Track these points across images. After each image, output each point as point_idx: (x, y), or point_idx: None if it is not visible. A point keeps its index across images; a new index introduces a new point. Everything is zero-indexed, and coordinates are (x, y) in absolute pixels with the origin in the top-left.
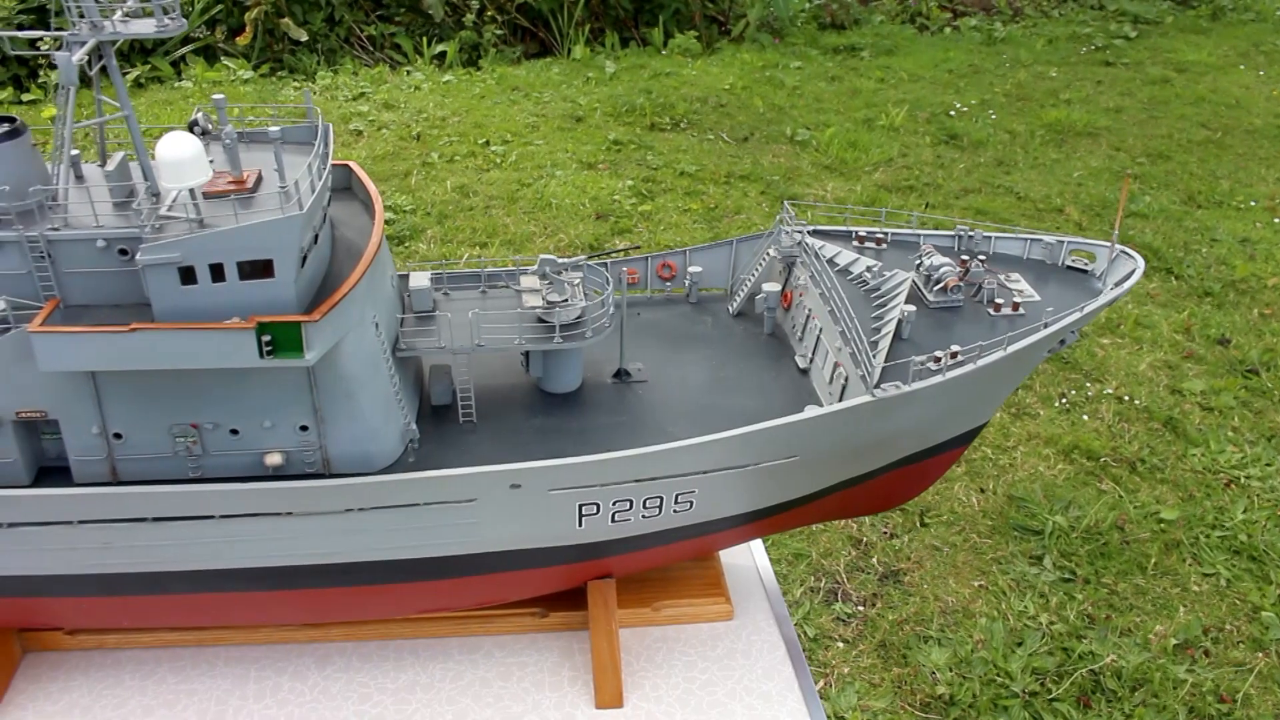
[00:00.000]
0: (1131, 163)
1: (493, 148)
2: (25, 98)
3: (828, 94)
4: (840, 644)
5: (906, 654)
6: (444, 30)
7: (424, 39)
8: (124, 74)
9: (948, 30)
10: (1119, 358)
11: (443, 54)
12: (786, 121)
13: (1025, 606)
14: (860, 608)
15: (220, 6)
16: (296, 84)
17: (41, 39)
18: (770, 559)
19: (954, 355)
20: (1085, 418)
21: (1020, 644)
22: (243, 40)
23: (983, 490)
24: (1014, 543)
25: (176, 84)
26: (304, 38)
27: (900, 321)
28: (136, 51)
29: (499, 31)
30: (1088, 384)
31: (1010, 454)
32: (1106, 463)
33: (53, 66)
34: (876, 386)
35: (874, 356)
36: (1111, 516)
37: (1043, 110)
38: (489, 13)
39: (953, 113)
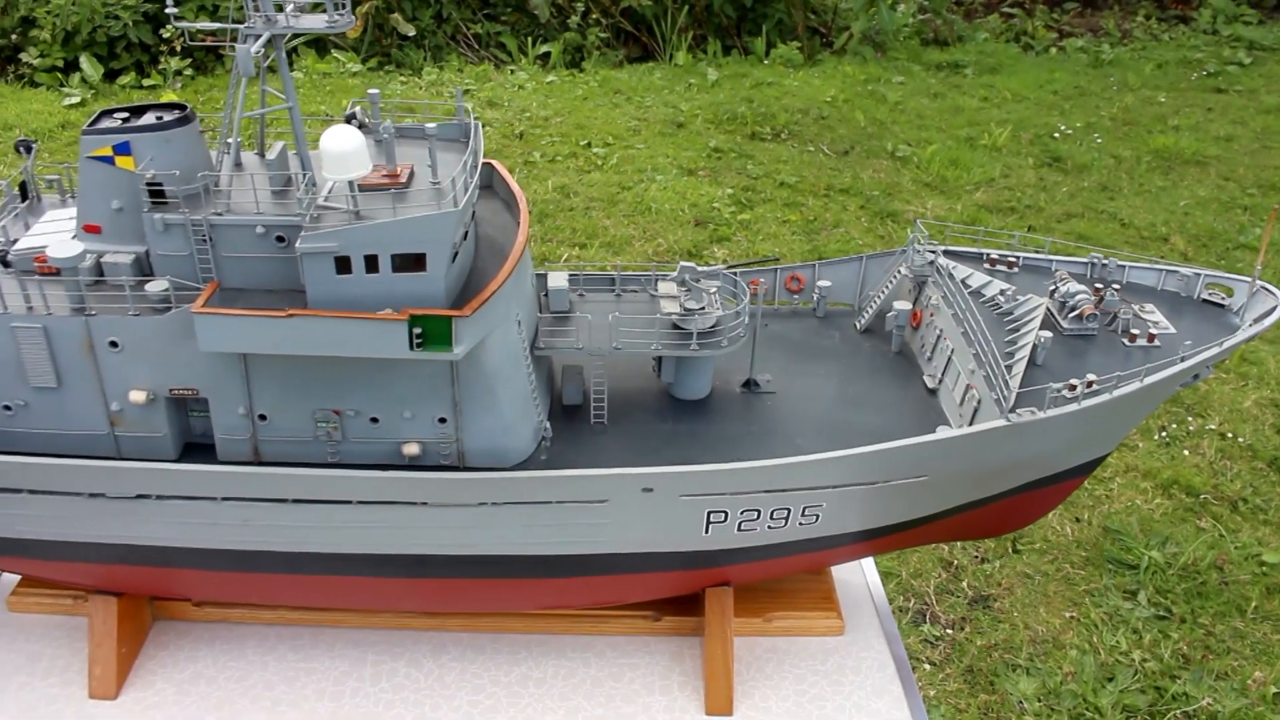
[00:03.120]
0: (1242, 194)
1: (594, 149)
2: (146, 83)
3: (930, 110)
4: (927, 666)
5: (994, 681)
6: (549, 31)
7: (529, 39)
8: None
9: (1053, 51)
10: (1223, 393)
11: (547, 54)
12: (887, 136)
13: (1118, 641)
14: (949, 630)
15: None
16: (403, 78)
17: (211, 31)
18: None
19: (1089, 384)
20: (1186, 452)
21: (1111, 679)
22: (353, 33)
23: (1078, 520)
24: (1108, 575)
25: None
26: (412, 33)
27: (1035, 346)
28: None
29: (603, 34)
30: (1189, 418)
31: (1107, 485)
32: (1207, 500)
33: (174, 53)
34: (1011, 411)
35: (1009, 381)
36: (1210, 555)
37: (1150, 136)
38: (593, 15)
39: (1057, 135)
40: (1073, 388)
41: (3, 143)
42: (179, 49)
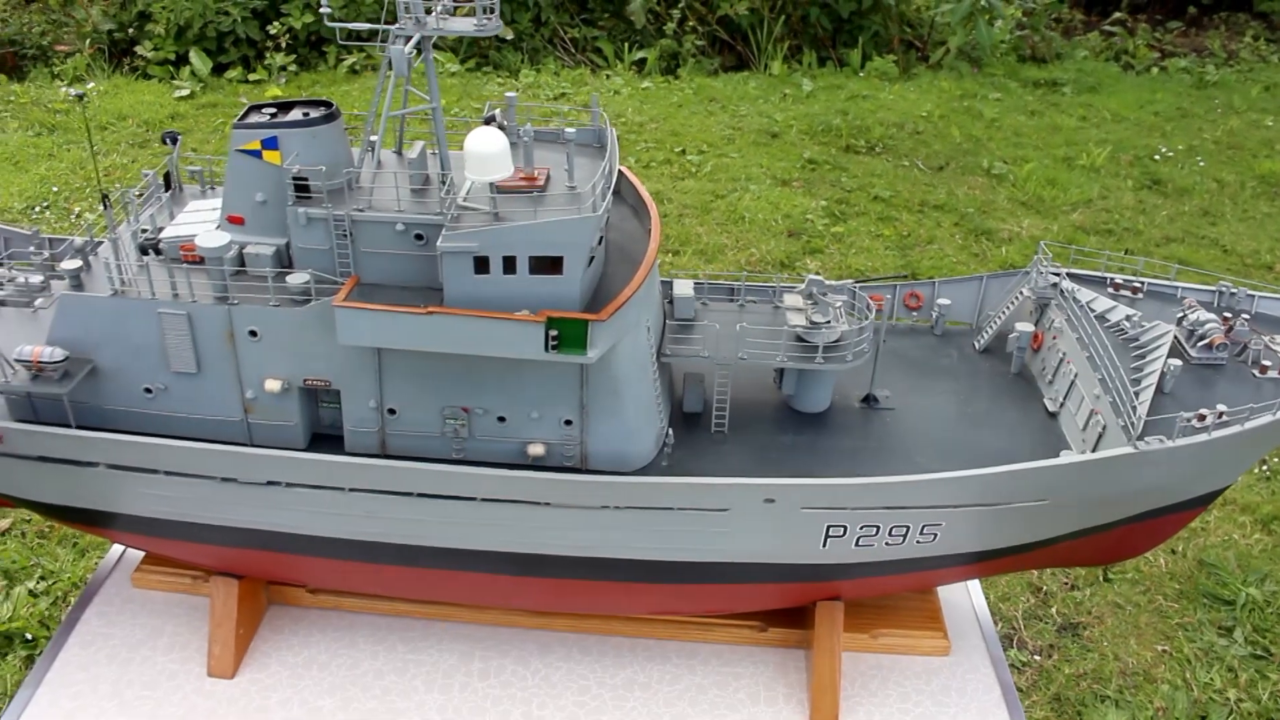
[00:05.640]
0: None
1: (688, 157)
2: (252, 77)
3: (1027, 128)
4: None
5: (1082, 711)
6: (645, 37)
7: (625, 45)
8: (340, 61)
9: (1155, 71)
10: None
11: (642, 60)
12: (983, 153)
13: (1212, 679)
14: (1036, 657)
15: None
16: (500, 80)
17: (366, 32)
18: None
19: (1220, 415)
20: None
21: (1204, 718)
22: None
23: (1172, 551)
24: (1202, 610)
25: (389, 72)
26: (510, 36)
27: (1163, 374)
28: (353, 39)
29: (698, 42)
30: None
31: (1203, 517)
32: None
33: (279, 49)
34: (1139, 438)
35: (1137, 408)
36: None
37: (1255, 161)
38: (690, 23)
39: (1157, 157)
40: (1202, 418)
41: (116, 132)
42: (284, 45)
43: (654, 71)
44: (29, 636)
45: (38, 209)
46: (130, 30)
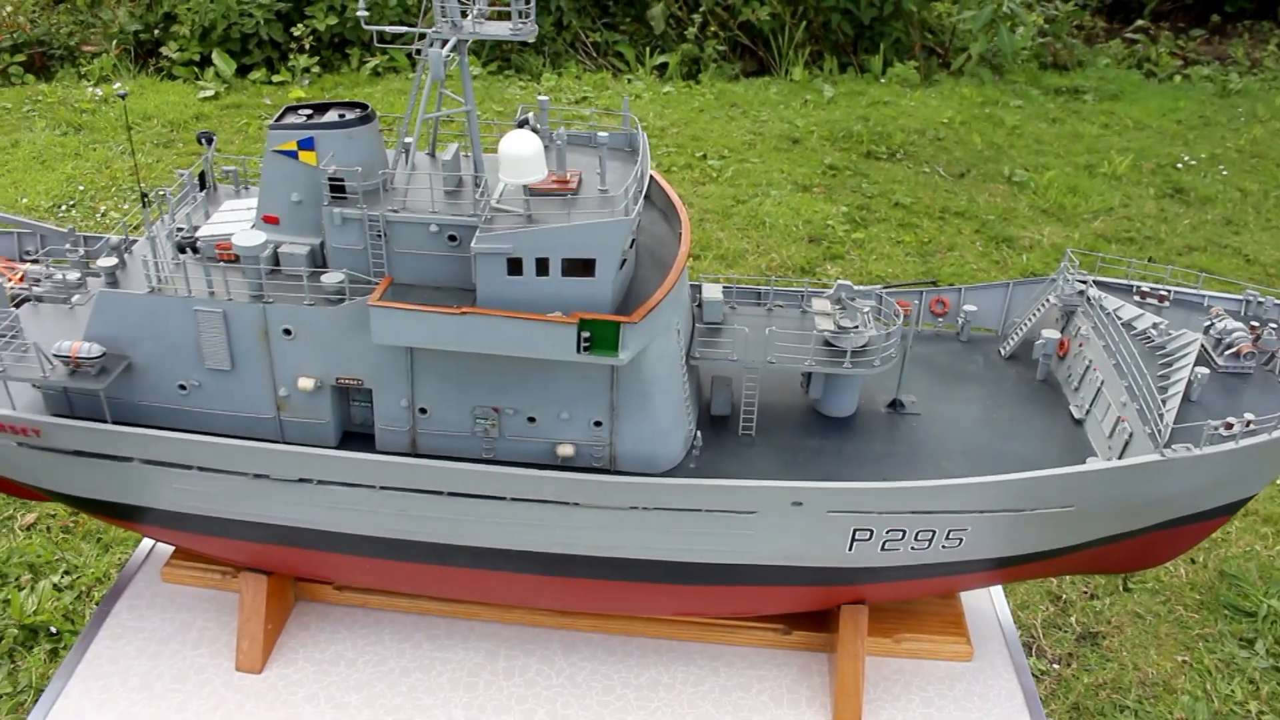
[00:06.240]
0: None
1: (709, 162)
2: (275, 79)
3: (1048, 136)
4: None
5: None
6: (666, 42)
7: (646, 49)
8: (364, 63)
9: (1177, 79)
10: None
11: (664, 65)
12: (1005, 160)
13: (1233, 690)
14: (1055, 666)
15: None
16: (522, 83)
17: (402, 35)
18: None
19: (1248, 424)
20: None
21: None
22: None
23: (1193, 561)
24: (1223, 621)
25: (411, 75)
26: (532, 40)
27: (1190, 382)
28: (376, 40)
29: (720, 47)
30: None
31: (1224, 527)
32: None
33: (302, 51)
34: (1166, 446)
35: (1164, 415)
36: None
37: (1279, 170)
38: (711, 28)
39: (1179, 165)
40: (1229, 426)
41: (142, 132)
42: (307, 47)
43: (675, 76)
44: (54, 630)
45: (64, 208)
46: (156, 31)
